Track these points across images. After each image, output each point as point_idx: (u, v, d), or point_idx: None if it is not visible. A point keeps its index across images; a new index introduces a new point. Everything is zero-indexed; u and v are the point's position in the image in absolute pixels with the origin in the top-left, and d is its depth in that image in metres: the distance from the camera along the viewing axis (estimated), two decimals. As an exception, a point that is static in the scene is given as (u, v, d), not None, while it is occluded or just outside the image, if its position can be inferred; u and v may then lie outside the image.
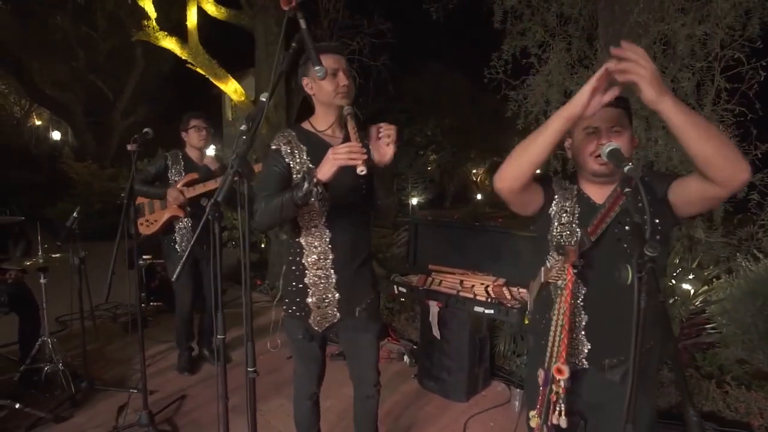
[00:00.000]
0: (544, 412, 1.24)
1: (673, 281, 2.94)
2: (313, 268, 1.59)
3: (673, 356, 0.76)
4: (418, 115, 16.47)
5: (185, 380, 2.93)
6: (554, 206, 1.32)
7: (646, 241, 0.83)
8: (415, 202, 15.82)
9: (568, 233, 1.27)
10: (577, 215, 1.28)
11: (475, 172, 22.53)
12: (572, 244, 1.24)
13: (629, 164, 0.97)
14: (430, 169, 18.31)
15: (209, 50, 5.58)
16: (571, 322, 1.23)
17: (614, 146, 1.08)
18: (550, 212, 1.32)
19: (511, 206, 1.32)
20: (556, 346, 1.23)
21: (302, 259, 1.59)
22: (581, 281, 1.24)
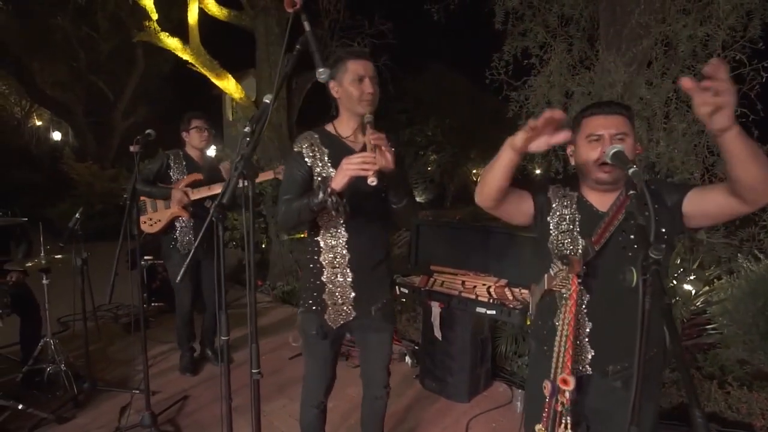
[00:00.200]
0: (550, 424, 1.24)
1: (674, 282, 2.95)
2: (329, 267, 1.61)
3: (678, 358, 0.76)
4: (418, 115, 16.47)
5: (187, 381, 2.93)
6: (552, 214, 1.31)
7: (650, 243, 0.83)
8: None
9: (569, 241, 1.26)
10: (577, 222, 1.27)
11: (475, 172, 22.51)
12: (575, 253, 1.24)
13: (633, 167, 0.97)
14: (430, 169, 18.30)
15: (210, 50, 5.59)
16: (575, 331, 1.23)
17: (618, 148, 1.08)
18: (548, 221, 1.32)
19: (503, 218, 1.35)
20: (561, 356, 1.23)
21: (320, 257, 1.62)
22: (585, 289, 1.24)
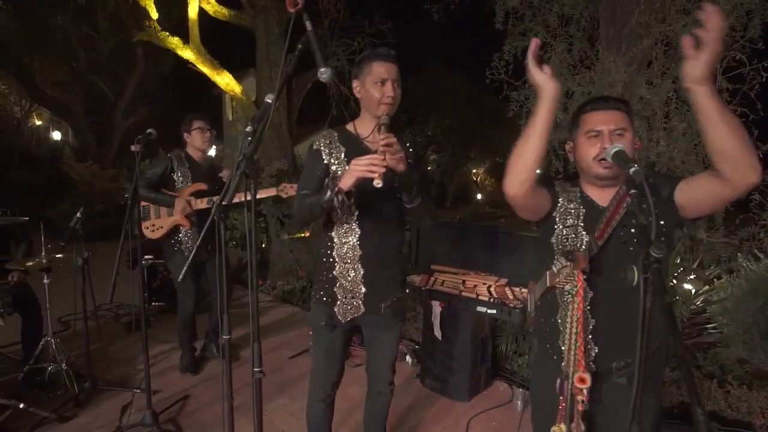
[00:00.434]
0: (568, 421, 1.24)
1: (674, 281, 2.95)
2: (342, 261, 1.63)
3: (679, 356, 0.77)
4: (418, 115, 16.49)
5: (188, 380, 2.93)
6: (558, 209, 1.32)
7: (651, 242, 0.83)
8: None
9: (573, 236, 1.27)
10: (581, 218, 1.27)
11: (475, 172, 22.55)
12: (579, 248, 1.24)
13: (634, 166, 0.98)
14: (430, 169, 18.33)
15: (210, 50, 5.59)
16: (584, 328, 1.23)
17: (619, 147, 1.08)
18: (554, 215, 1.32)
19: (522, 213, 1.31)
20: (573, 353, 1.23)
21: (333, 252, 1.64)
22: (588, 285, 1.24)
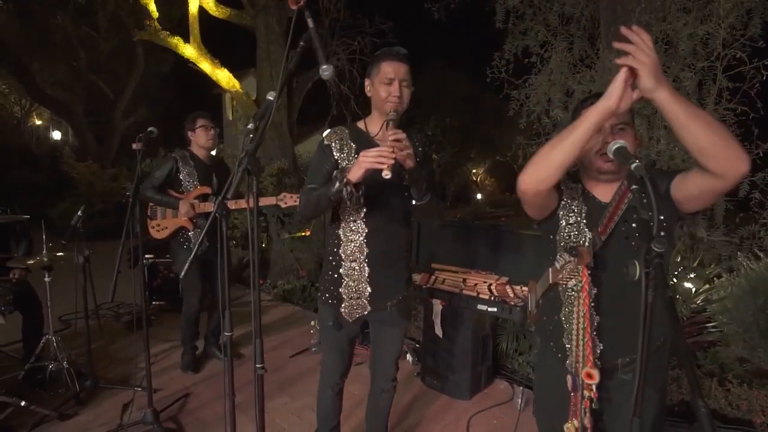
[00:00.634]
0: (581, 419, 1.24)
1: (674, 279, 2.95)
2: (348, 260, 1.64)
3: (681, 349, 0.77)
4: (418, 114, 16.47)
5: (189, 379, 2.94)
6: (562, 207, 1.32)
7: (653, 237, 0.83)
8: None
9: (576, 233, 1.27)
10: (584, 214, 1.28)
11: (475, 171, 22.55)
12: (583, 244, 1.24)
13: (636, 161, 0.98)
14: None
15: (210, 50, 5.59)
16: (591, 324, 1.23)
17: (621, 144, 1.08)
18: (558, 213, 1.32)
19: (529, 209, 1.30)
20: (581, 350, 1.23)
21: (339, 249, 1.65)
22: (591, 282, 1.24)
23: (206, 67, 5.50)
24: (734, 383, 2.42)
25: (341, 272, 1.65)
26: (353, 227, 1.61)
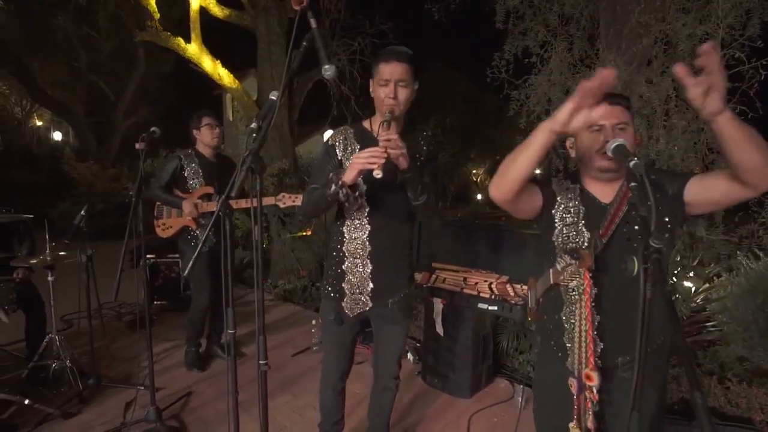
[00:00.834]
0: (584, 420, 1.25)
1: (674, 279, 2.96)
2: (351, 256, 1.66)
3: (679, 345, 0.78)
4: (418, 114, 16.48)
5: (190, 377, 2.95)
6: (557, 208, 1.32)
7: (651, 233, 0.85)
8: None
9: (574, 234, 1.28)
10: (582, 215, 1.28)
11: (475, 172, 22.56)
12: (582, 245, 1.25)
13: (635, 159, 0.99)
14: (430, 168, 18.31)
15: (211, 50, 5.60)
16: (592, 325, 1.24)
17: (619, 142, 1.10)
18: (553, 214, 1.32)
19: (514, 214, 1.33)
20: (582, 351, 1.25)
21: (342, 246, 1.68)
22: (592, 283, 1.25)
23: (208, 64, 5.49)
24: (733, 382, 2.43)
25: (344, 268, 1.68)
26: (356, 225, 1.64)
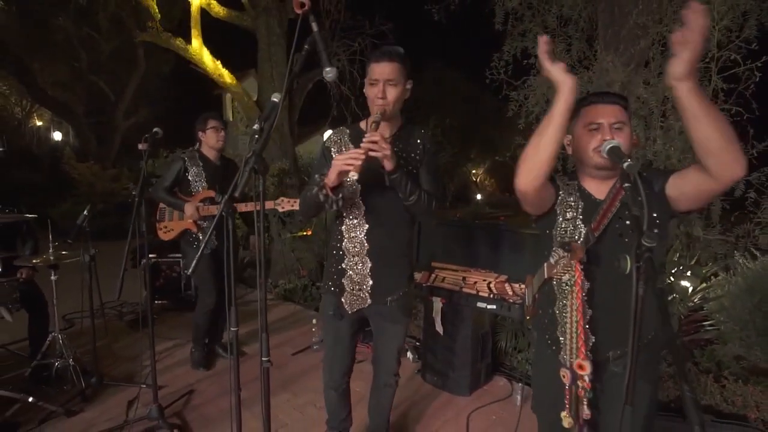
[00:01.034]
0: (573, 409, 1.27)
1: (671, 278, 2.99)
2: (350, 254, 1.69)
3: (670, 338, 0.81)
4: (418, 115, 16.50)
5: (192, 376, 2.97)
6: (560, 203, 1.35)
7: (643, 232, 0.87)
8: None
9: (572, 228, 1.31)
10: (580, 210, 1.31)
11: (474, 172, 22.59)
12: (577, 240, 1.28)
13: (628, 160, 1.02)
14: (430, 168, 18.32)
15: (211, 51, 5.62)
16: (584, 317, 1.27)
17: (614, 143, 1.12)
18: (556, 208, 1.36)
19: (528, 207, 1.34)
20: (573, 342, 1.27)
21: (342, 244, 1.70)
22: (585, 277, 1.28)
23: (208, 62, 5.52)
24: (730, 380, 2.46)
25: (344, 266, 1.71)
26: (355, 223, 1.67)
